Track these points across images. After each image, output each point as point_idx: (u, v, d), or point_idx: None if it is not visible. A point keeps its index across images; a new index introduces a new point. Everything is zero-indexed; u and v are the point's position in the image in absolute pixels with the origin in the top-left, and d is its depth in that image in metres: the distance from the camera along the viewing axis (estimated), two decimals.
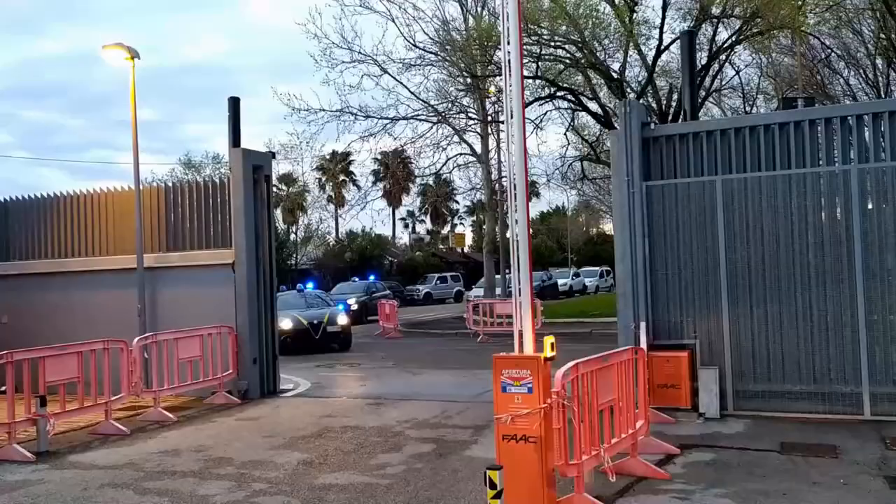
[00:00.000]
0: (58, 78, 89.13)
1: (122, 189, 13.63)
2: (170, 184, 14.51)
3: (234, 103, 12.80)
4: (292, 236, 55.40)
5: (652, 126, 10.39)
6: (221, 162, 48.38)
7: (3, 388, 8.64)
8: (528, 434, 5.79)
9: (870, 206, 8.94)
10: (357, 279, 38.97)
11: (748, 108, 25.95)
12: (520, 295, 6.10)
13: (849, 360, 8.86)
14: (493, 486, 4.95)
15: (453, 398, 11.61)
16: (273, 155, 13.40)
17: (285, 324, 19.52)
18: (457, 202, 70.11)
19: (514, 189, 6.25)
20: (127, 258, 12.94)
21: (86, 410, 9.65)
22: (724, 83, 24.79)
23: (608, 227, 63.58)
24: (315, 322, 20.29)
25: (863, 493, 6.23)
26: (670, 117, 21.02)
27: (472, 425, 9.55)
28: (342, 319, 21.19)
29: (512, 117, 6.34)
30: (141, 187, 13.18)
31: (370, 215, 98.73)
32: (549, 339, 5.96)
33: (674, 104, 21.64)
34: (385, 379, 14.47)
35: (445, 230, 77.95)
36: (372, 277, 38.39)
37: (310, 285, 25.51)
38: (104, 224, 13.52)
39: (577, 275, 50.46)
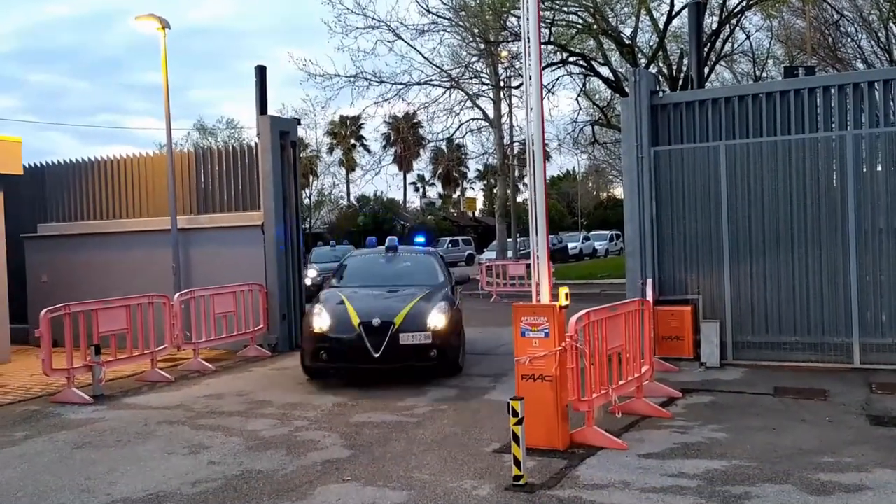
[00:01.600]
0: (65, 41, 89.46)
1: (156, 154, 14.30)
2: (200, 149, 15.15)
3: (262, 72, 13.37)
4: (305, 200, 56.09)
5: (660, 94, 10.93)
6: (237, 127, 48.94)
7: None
8: (545, 374, 6.50)
9: (864, 170, 9.52)
10: (333, 244, 30.88)
11: (758, 73, 26.24)
12: (537, 248, 6.76)
13: (841, 313, 9.52)
14: (515, 413, 5.65)
15: (470, 351, 12.32)
16: (298, 121, 13.97)
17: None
18: (467, 167, 70.46)
19: (532, 151, 6.88)
20: (161, 220, 13.65)
21: (134, 359, 10.45)
22: (734, 47, 25.08)
23: (618, 191, 63.91)
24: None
25: (846, 429, 6.93)
26: (681, 83, 21.42)
27: (489, 374, 10.29)
28: None
29: (531, 80, 6.94)
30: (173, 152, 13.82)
31: (385, 180, 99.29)
32: (563, 290, 6.65)
33: (684, 69, 22.01)
34: None
35: (456, 194, 78.45)
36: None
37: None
38: (139, 187, 14.22)
39: (586, 238, 50.98)
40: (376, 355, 9.34)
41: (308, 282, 19.72)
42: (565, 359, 6.51)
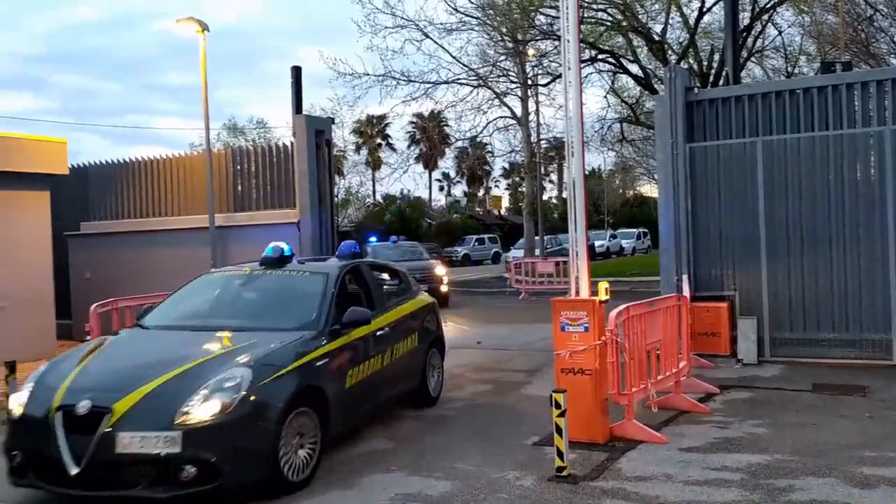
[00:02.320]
0: (92, 43, 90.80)
1: (194, 153, 14.57)
2: (237, 148, 15.42)
3: (297, 72, 13.58)
4: (335, 198, 56.47)
5: (695, 90, 10.94)
6: (266, 127, 49.44)
7: (88, 337, 9.58)
8: (585, 367, 6.58)
9: None
10: (395, 239, 25.47)
11: (790, 69, 25.99)
12: (576, 244, 6.85)
13: (879, 309, 9.47)
14: (558, 406, 5.74)
15: (504, 347, 12.47)
16: (332, 120, 14.18)
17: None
18: (491, 166, 70.44)
19: (572, 147, 6.96)
20: (199, 217, 13.91)
21: None
22: (766, 44, 24.86)
23: (645, 188, 63.61)
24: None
25: (887, 425, 6.92)
26: (711, 79, 21.32)
27: (524, 369, 10.39)
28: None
29: (570, 71, 7.02)
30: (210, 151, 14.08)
31: (412, 178, 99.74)
32: (603, 284, 6.73)
33: (715, 65, 21.90)
34: None
35: (482, 192, 78.52)
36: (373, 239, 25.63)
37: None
38: (178, 186, 14.51)
39: (613, 236, 50.78)
40: (74, 471, 5.08)
41: None
42: (605, 353, 6.59)
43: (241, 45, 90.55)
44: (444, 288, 19.53)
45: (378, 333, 7.25)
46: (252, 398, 5.39)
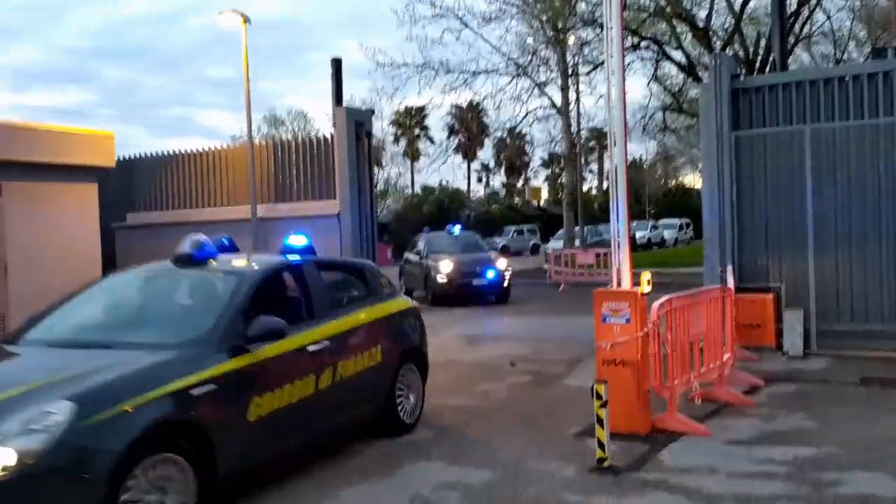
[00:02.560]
0: (137, 37, 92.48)
1: (236, 146, 14.79)
2: (278, 140, 15.60)
3: (337, 64, 13.68)
4: (375, 189, 56.77)
5: (741, 78, 10.73)
6: (306, 118, 49.91)
7: None
8: (626, 359, 6.52)
9: None
10: (453, 228, 21.96)
11: (839, 55, 25.33)
12: (618, 235, 6.78)
13: None
14: (599, 397, 5.70)
15: (543, 338, 12.43)
16: (372, 112, 14.27)
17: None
18: (529, 156, 70.04)
19: (614, 137, 6.89)
20: (241, 209, 14.13)
21: None
22: (814, 29, 24.27)
23: (688, 178, 62.72)
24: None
25: None
26: (757, 65, 20.89)
27: (564, 360, 10.33)
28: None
29: (613, 59, 6.95)
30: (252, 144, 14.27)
31: (450, 169, 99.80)
32: (645, 275, 6.66)
33: (761, 52, 21.44)
34: (476, 321, 15.34)
35: (520, 183, 78.21)
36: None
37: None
38: (220, 178, 14.74)
39: (655, 227, 50.13)
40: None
41: (441, 278, 17.50)
42: (647, 344, 6.52)
43: (282, 36, 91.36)
44: (505, 283, 18.07)
45: (312, 348, 5.73)
46: (71, 444, 3.97)
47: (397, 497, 5.25)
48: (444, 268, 17.36)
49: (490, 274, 17.54)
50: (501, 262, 18.18)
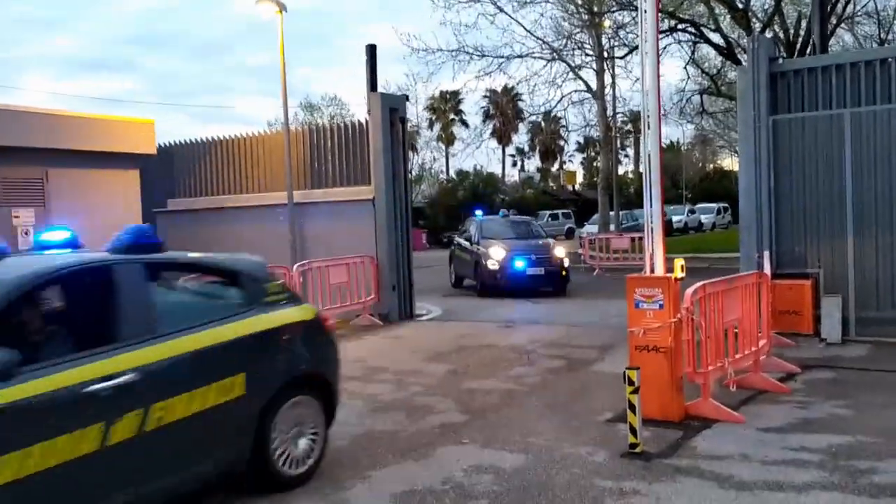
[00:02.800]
0: (177, 25, 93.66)
1: (272, 132, 14.96)
2: (314, 127, 15.74)
3: (372, 50, 13.72)
4: (409, 175, 56.86)
5: (780, 61, 10.55)
6: (341, 104, 50.17)
7: None
8: (659, 345, 6.52)
9: None
10: (506, 212, 21.57)
11: (884, 36, 24.65)
12: (651, 220, 6.76)
13: None
14: (631, 382, 5.73)
15: (576, 323, 12.44)
16: (406, 98, 14.30)
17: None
18: (566, 140, 69.50)
19: (648, 121, 6.85)
20: (278, 195, 14.31)
21: None
22: (857, 9, 23.64)
23: (726, 162, 61.73)
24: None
25: None
26: (798, 47, 20.45)
27: (596, 346, 10.34)
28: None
29: (646, 42, 6.89)
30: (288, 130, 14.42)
31: (485, 154, 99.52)
32: (679, 261, 6.63)
33: (802, 33, 20.98)
34: (509, 306, 15.38)
35: (555, 167, 77.72)
36: None
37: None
38: (257, 164, 14.94)
39: (692, 211, 49.50)
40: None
41: (492, 265, 16.41)
42: (680, 330, 6.51)
43: (317, 22, 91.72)
44: (563, 272, 16.70)
45: (96, 388, 4.09)
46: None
47: (431, 479, 5.35)
48: (495, 254, 16.15)
49: (546, 262, 16.42)
50: (559, 250, 16.96)
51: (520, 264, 16.25)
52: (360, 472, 5.55)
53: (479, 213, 19.80)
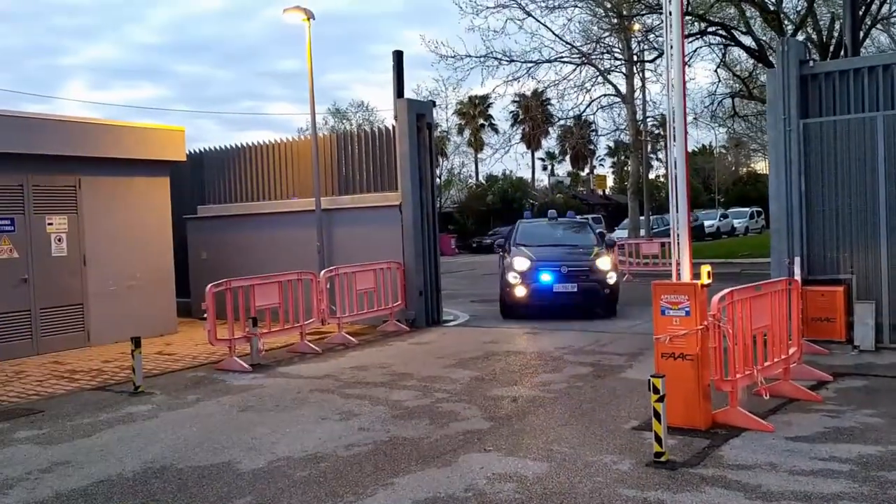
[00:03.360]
0: (209, 33, 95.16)
1: (300, 139, 15.08)
2: (341, 133, 15.84)
3: (398, 56, 13.77)
4: (436, 180, 56.97)
5: (811, 63, 10.37)
6: (368, 109, 50.41)
7: (205, 315, 10.16)
8: (686, 352, 6.44)
9: None
10: (554, 214, 17.62)
11: None
12: (678, 225, 6.68)
13: None
14: (656, 391, 5.66)
15: (604, 330, 12.33)
16: (433, 103, 14.32)
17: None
18: (596, 145, 69.04)
19: (674, 125, 6.78)
20: (306, 201, 14.41)
21: (285, 331, 11.18)
22: (893, 9, 23.17)
23: (759, 165, 60.87)
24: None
25: None
26: (831, 49, 20.10)
27: (624, 352, 10.24)
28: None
29: (672, 47, 6.83)
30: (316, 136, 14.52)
31: (514, 158, 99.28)
32: (705, 268, 6.54)
33: (835, 35, 20.62)
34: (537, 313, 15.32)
35: (585, 172, 77.28)
36: None
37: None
38: (285, 170, 15.07)
39: (724, 216, 48.89)
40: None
41: (512, 278, 13.59)
42: (707, 337, 6.43)
43: (346, 28, 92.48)
44: (607, 290, 13.70)
45: None
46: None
47: (453, 486, 5.34)
48: (519, 264, 13.42)
49: (582, 276, 13.40)
50: (604, 261, 13.62)
51: (546, 278, 13.37)
52: (382, 478, 5.56)
53: (526, 213, 18.65)
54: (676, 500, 4.93)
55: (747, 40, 22.39)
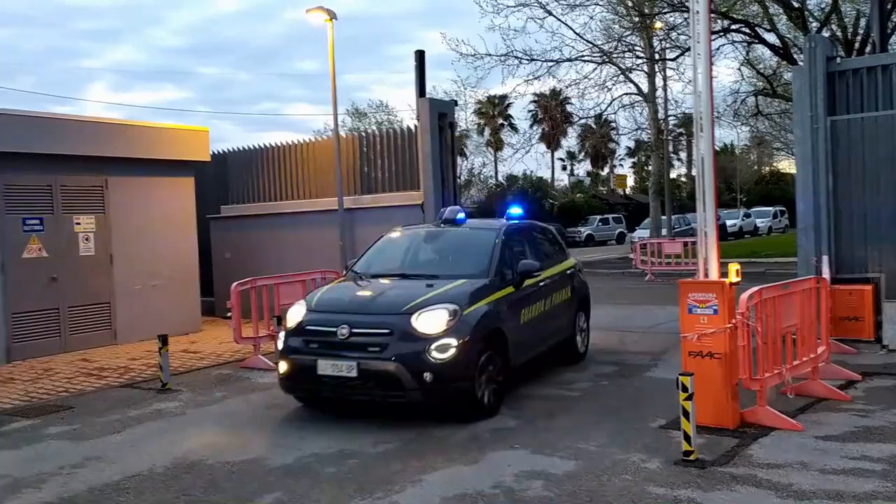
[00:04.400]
0: (230, 35, 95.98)
1: (322, 139, 15.15)
2: (364, 133, 15.89)
3: (420, 56, 13.79)
4: (457, 179, 56.96)
5: (837, 60, 10.26)
6: (388, 109, 50.55)
7: (229, 313, 10.23)
8: (714, 351, 6.41)
9: None
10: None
11: None
12: (705, 224, 6.65)
13: None
14: (684, 389, 5.63)
15: (628, 329, 12.28)
16: (455, 102, 14.33)
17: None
18: (616, 143, 68.68)
19: (700, 124, 6.74)
20: (328, 200, 14.47)
21: None
22: None
23: (782, 164, 60.27)
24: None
25: None
26: (857, 46, 19.87)
27: (649, 352, 10.20)
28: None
29: (699, 46, 6.79)
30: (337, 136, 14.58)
31: (534, 158, 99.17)
32: (734, 266, 6.50)
33: (861, 32, 20.37)
34: None
35: (605, 171, 76.96)
36: None
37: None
38: (308, 170, 15.15)
39: (746, 215, 48.44)
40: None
41: (280, 341, 7.54)
42: (735, 336, 6.38)
43: (365, 29, 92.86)
44: (428, 376, 6.76)
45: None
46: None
47: (481, 483, 5.34)
48: (291, 317, 7.56)
49: (380, 349, 6.84)
50: (434, 317, 6.93)
51: (309, 349, 7.20)
52: (410, 475, 5.58)
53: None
54: (708, 498, 4.90)
55: (771, 38, 22.18)
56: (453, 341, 6.82)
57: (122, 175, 12.56)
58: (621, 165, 76.36)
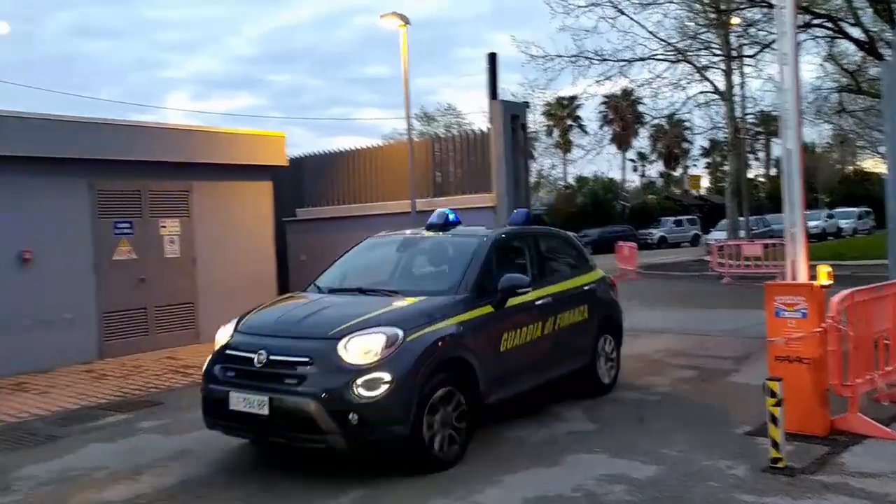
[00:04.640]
0: (301, 42, 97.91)
1: (395, 142, 15.34)
2: (436, 137, 16.04)
3: (492, 59, 13.83)
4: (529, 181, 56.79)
5: None
6: (456, 113, 50.85)
7: None
8: (802, 355, 6.20)
9: None
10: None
11: None
12: (793, 225, 6.45)
13: None
14: (773, 394, 5.47)
15: (706, 332, 11.99)
16: (527, 104, 14.32)
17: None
18: (689, 143, 67.13)
19: (787, 121, 6.55)
20: (401, 203, 14.64)
21: None
22: None
23: (868, 163, 57.72)
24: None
25: None
26: None
27: (730, 356, 9.94)
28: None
29: (785, 40, 6.60)
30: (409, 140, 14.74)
31: (606, 159, 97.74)
32: (824, 268, 6.29)
33: None
34: (632, 314, 14.90)
35: (678, 172, 75.31)
36: None
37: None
38: (381, 174, 15.37)
39: (829, 216, 46.63)
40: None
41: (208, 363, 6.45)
42: (825, 340, 6.17)
43: (434, 33, 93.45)
44: (353, 418, 5.40)
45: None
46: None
47: (562, 486, 5.32)
48: (219, 337, 6.79)
49: (297, 381, 5.59)
50: (368, 342, 5.59)
51: (219, 379, 6.14)
52: (491, 476, 5.59)
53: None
54: None
55: (855, 32, 21.34)
56: (385, 375, 5.40)
57: (205, 180, 12.99)
58: (695, 166, 74.63)
